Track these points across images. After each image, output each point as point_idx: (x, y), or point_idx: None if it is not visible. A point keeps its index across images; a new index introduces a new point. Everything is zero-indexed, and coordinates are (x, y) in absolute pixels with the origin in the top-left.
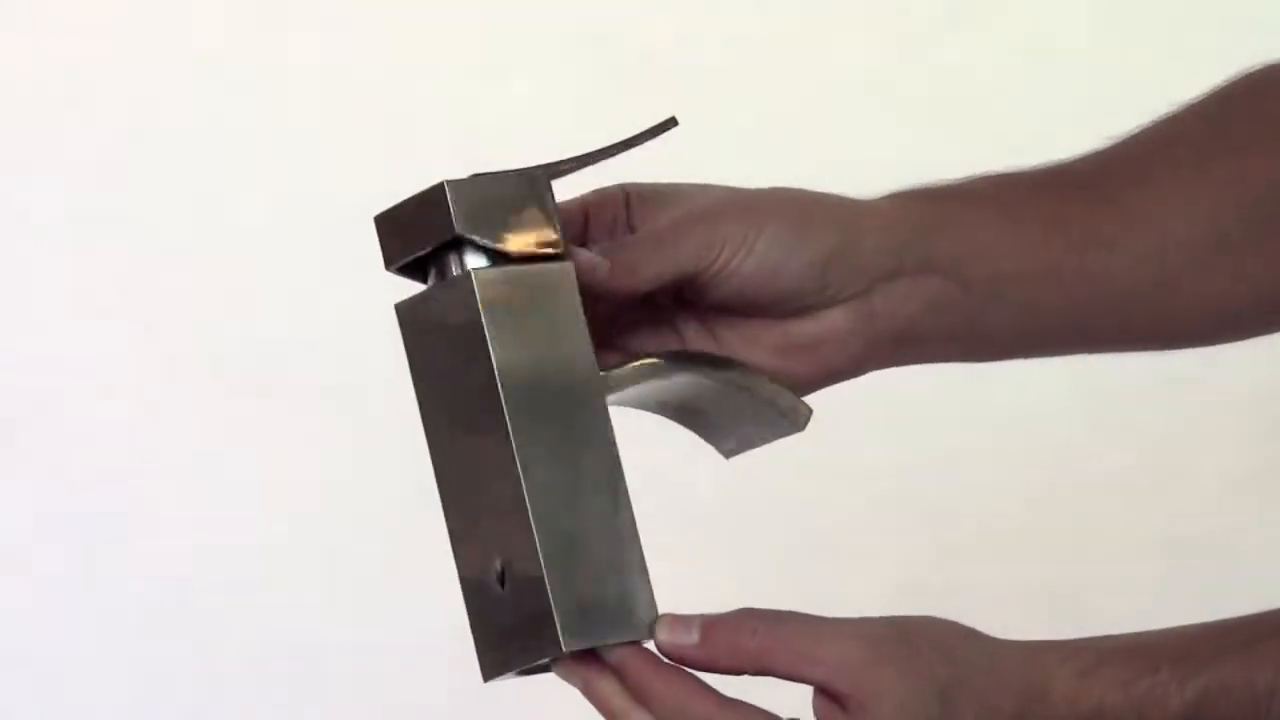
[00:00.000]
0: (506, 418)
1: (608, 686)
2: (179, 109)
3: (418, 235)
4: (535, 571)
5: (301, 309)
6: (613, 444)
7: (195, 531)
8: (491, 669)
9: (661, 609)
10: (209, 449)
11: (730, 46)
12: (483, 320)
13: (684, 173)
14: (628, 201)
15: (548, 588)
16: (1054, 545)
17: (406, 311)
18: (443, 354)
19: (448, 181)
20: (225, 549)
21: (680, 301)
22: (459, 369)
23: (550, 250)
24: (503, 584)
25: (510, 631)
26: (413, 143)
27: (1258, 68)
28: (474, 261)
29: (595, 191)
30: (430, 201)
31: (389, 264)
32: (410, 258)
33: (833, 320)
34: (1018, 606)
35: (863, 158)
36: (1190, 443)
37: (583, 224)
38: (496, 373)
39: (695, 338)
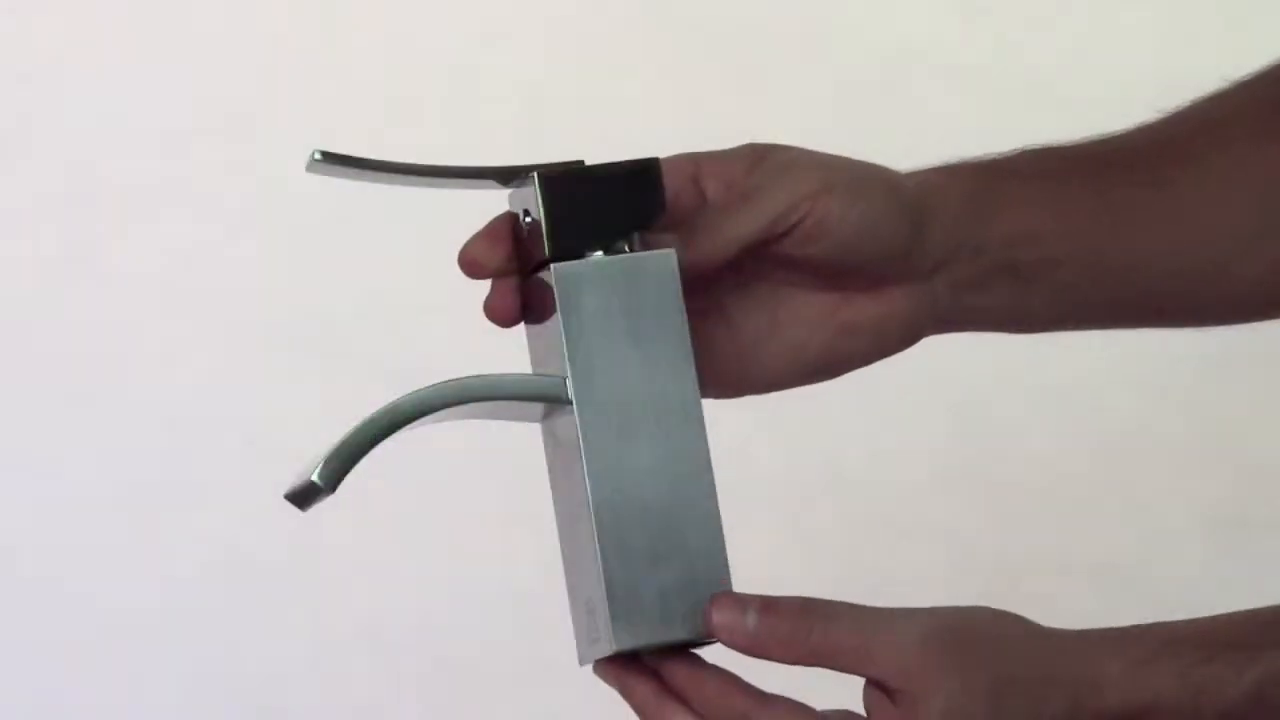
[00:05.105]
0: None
1: (645, 688)
2: (242, 78)
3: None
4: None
5: (364, 279)
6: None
7: (259, 500)
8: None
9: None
10: (272, 417)
11: (788, 14)
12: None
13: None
14: (697, 173)
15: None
16: (1105, 519)
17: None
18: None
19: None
20: (289, 518)
21: (744, 274)
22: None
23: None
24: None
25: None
26: (478, 109)
27: None
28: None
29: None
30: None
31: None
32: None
33: (897, 299)
34: (1070, 579)
35: (924, 125)
36: (1242, 418)
37: None
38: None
39: (745, 316)
